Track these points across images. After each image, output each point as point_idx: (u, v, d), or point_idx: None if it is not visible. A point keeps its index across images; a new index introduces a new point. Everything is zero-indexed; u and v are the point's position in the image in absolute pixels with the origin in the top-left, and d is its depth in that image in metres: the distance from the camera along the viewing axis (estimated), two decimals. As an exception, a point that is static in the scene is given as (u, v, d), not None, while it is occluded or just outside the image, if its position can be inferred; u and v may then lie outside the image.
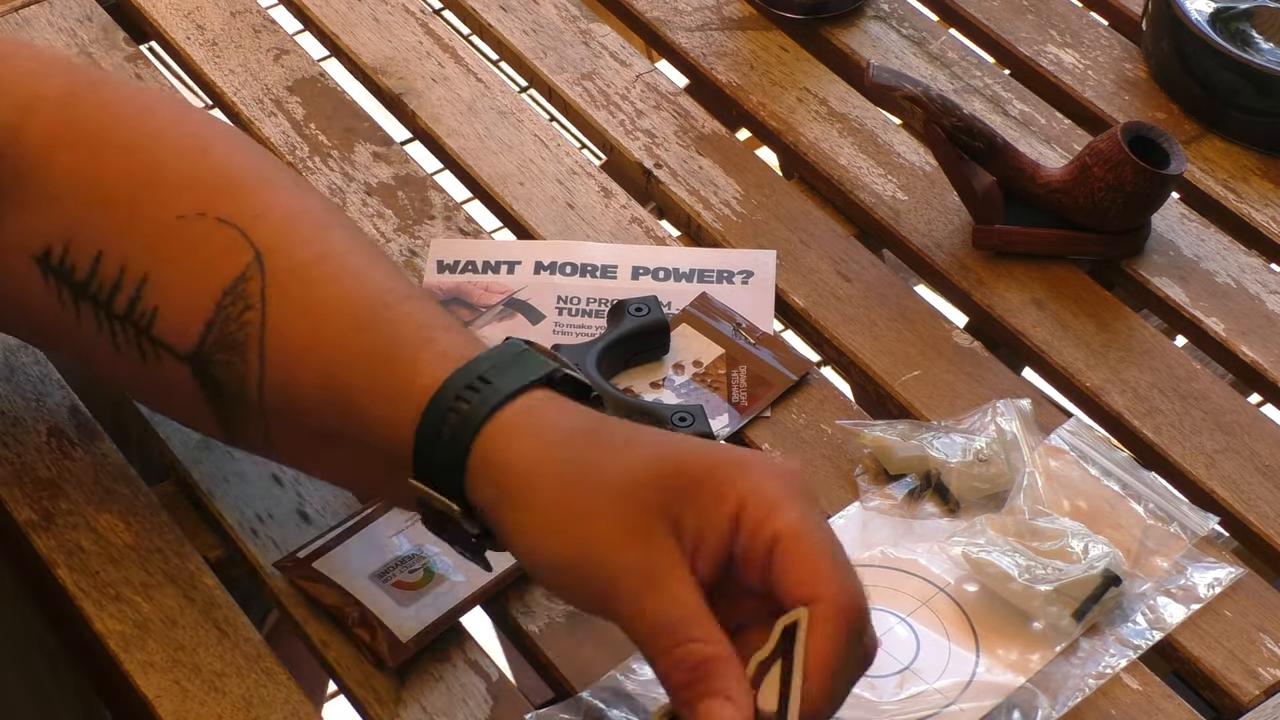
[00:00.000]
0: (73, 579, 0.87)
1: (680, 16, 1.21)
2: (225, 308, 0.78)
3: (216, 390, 0.79)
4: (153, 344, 0.80)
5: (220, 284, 0.78)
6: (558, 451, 0.71)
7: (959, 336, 1.01)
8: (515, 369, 0.73)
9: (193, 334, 0.79)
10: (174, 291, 0.79)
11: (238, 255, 0.78)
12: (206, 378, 0.79)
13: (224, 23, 1.18)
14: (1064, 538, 0.87)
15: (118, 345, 0.81)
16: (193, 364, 0.79)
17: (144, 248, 0.80)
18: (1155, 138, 1.04)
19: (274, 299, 0.77)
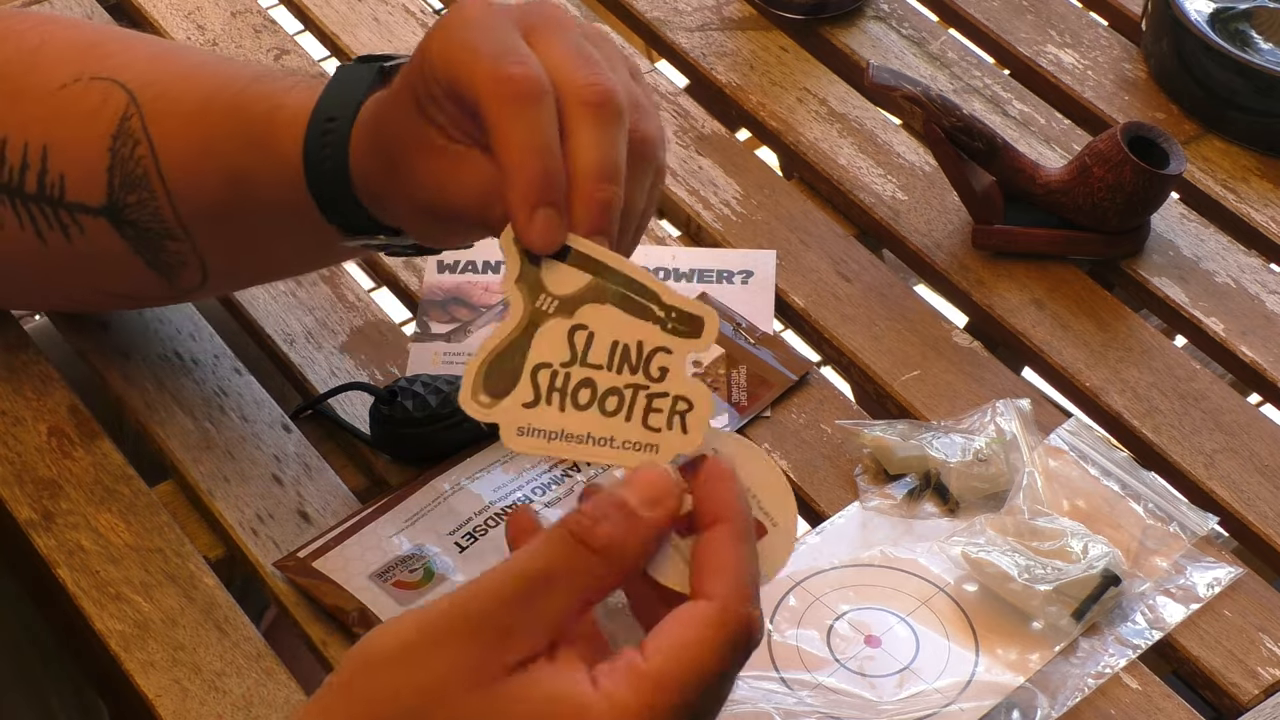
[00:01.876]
0: (73, 579, 0.87)
1: (680, 16, 1.21)
2: (118, 151, 0.84)
3: (140, 236, 0.85)
4: (70, 213, 0.86)
5: (107, 131, 0.84)
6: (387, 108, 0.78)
7: (959, 336, 1.01)
8: (347, 92, 0.80)
9: (99, 186, 0.85)
10: (72, 151, 0.85)
11: (115, 101, 0.85)
12: (125, 226, 0.85)
13: (224, 23, 1.18)
14: (1063, 537, 0.87)
15: (42, 234, 0.87)
16: (109, 215, 0.85)
17: (37, 121, 0.86)
18: (1155, 138, 1.04)
19: (154, 126, 0.84)
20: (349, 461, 0.94)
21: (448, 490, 0.90)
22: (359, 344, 0.99)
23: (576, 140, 0.68)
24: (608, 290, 0.67)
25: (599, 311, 0.67)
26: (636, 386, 0.66)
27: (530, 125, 0.67)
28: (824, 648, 0.85)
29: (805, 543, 0.90)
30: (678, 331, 0.67)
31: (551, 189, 0.67)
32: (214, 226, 0.86)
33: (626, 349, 0.67)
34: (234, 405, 0.95)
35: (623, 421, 0.66)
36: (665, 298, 0.67)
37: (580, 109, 0.68)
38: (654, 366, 0.66)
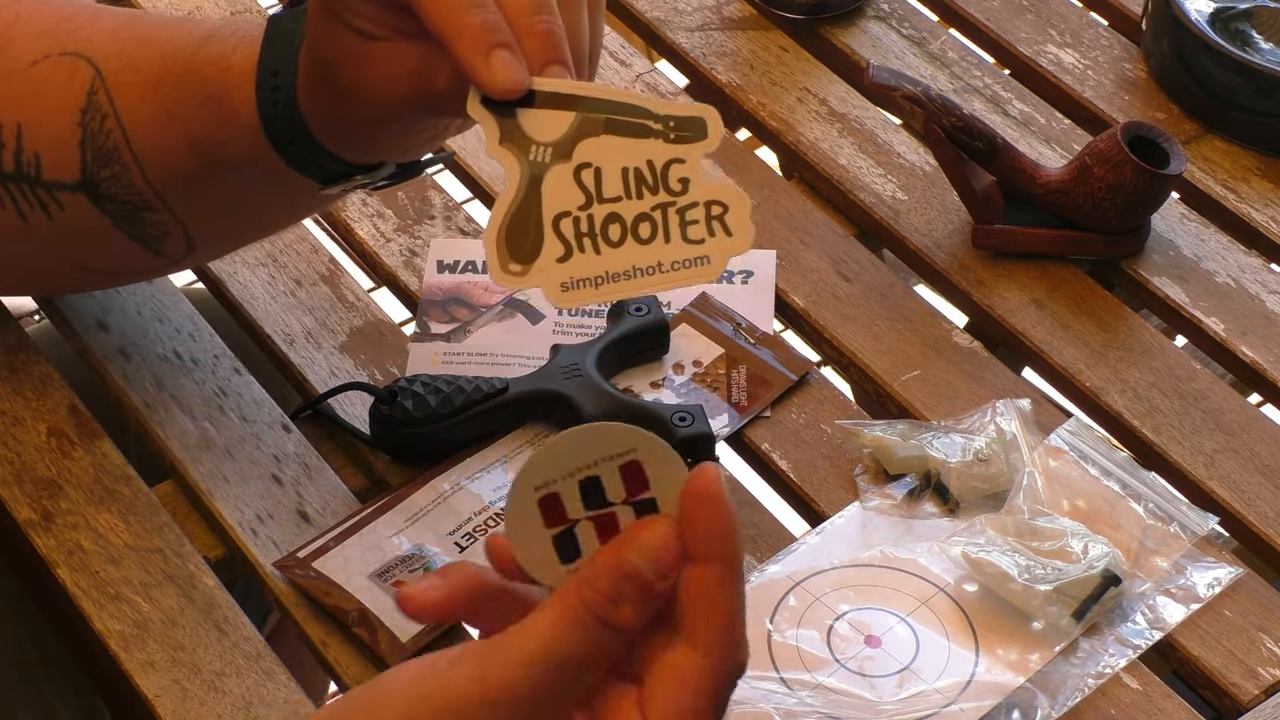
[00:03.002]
0: (73, 579, 0.87)
1: (680, 16, 1.21)
2: (88, 126, 0.85)
3: (117, 209, 0.86)
4: (48, 191, 0.86)
5: (76, 106, 0.85)
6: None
7: (959, 336, 1.01)
8: (283, 43, 0.80)
9: (73, 162, 0.85)
10: (45, 129, 0.86)
11: (81, 75, 0.85)
12: (104, 200, 0.86)
13: (224, 23, 1.18)
14: (1063, 537, 0.87)
15: (23, 214, 0.87)
16: (86, 190, 0.86)
17: (10, 99, 0.86)
18: (1155, 138, 1.04)
19: (119, 98, 0.84)
20: (349, 461, 0.94)
21: (448, 490, 0.90)
22: (359, 344, 0.99)
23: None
24: (596, 121, 0.65)
25: (596, 144, 0.64)
26: (663, 205, 0.64)
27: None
28: (824, 648, 0.85)
29: (805, 543, 0.90)
30: (682, 138, 0.65)
31: (496, 31, 0.66)
32: (189, 192, 0.86)
33: (639, 172, 0.64)
34: (234, 405, 0.95)
35: (663, 244, 0.64)
36: (657, 109, 0.65)
37: None
38: (673, 180, 0.64)
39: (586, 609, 0.59)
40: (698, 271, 0.64)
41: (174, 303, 1.00)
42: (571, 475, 0.59)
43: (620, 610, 0.59)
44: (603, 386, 0.93)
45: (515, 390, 0.93)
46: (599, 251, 0.64)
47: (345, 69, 0.76)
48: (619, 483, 0.60)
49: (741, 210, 0.64)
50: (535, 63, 0.66)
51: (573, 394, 0.92)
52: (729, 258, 0.64)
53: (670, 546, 0.59)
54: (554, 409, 0.93)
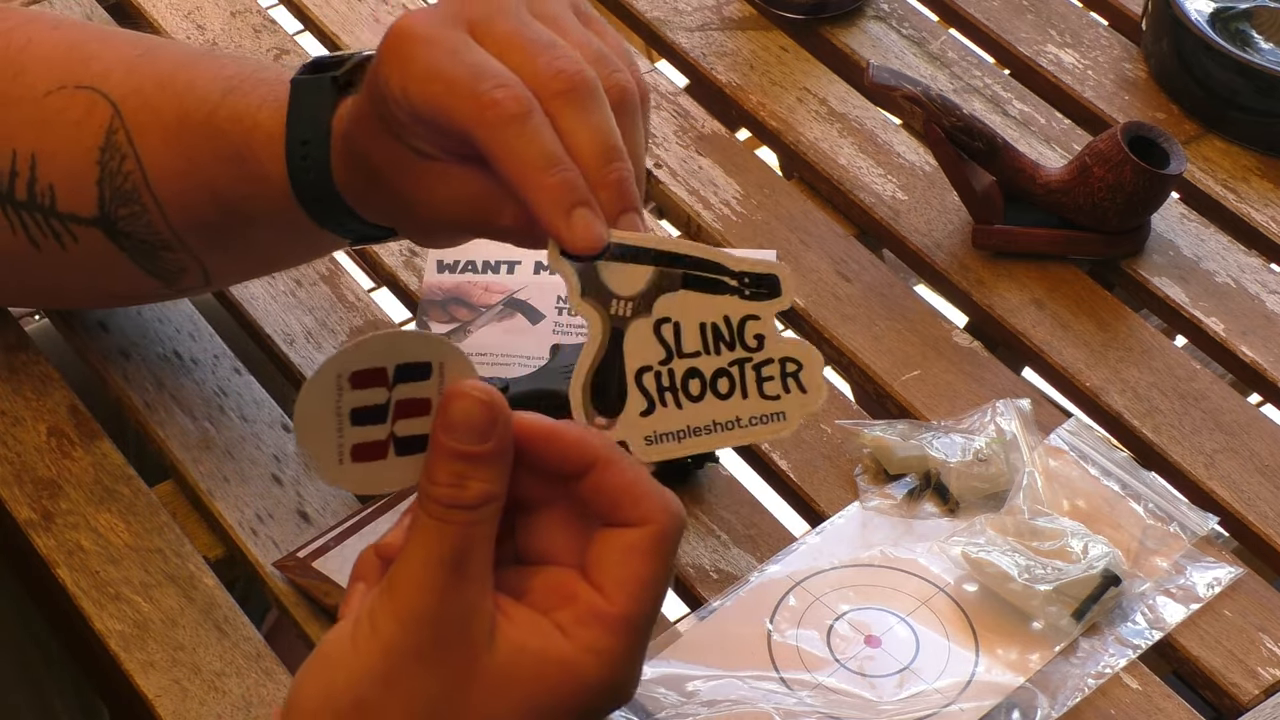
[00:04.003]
0: (73, 579, 0.87)
1: (680, 16, 1.21)
2: (106, 164, 0.84)
3: (134, 246, 0.86)
4: (62, 222, 0.86)
5: (95, 144, 0.84)
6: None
7: (959, 336, 1.01)
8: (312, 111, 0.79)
9: (90, 198, 0.85)
10: (60, 161, 0.85)
11: (100, 113, 0.85)
12: (120, 236, 0.85)
13: (224, 23, 1.18)
14: (1063, 537, 0.87)
15: (35, 241, 0.87)
16: (103, 226, 0.85)
17: (24, 127, 0.86)
18: (1155, 138, 1.04)
19: (139, 140, 0.84)
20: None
21: (448, 490, 0.90)
22: (359, 344, 0.99)
23: (566, 134, 0.67)
24: (674, 276, 0.66)
25: (675, 300, 0.66)
26: (740, 361, 0.66)
27: (532, 141, 0.67)
28: (824, 648, 0.85)
29: (805, 543, 0.90)
30: (757, 295, 0.66)
31: (575, 189, 0.66)
32: (210, 238, 0.86)
33: (716, 328, 0.66)
34: (234, 405, 0.95)
35: (740, 400, 0.66)
36: (732, 265, 0.66)
37: (557, 102, 0.68)
38: (749, 337, 0.66)
39: (438, 504, 0.60)
40: (774, 427, 0.66)
41: (174, 303, 1.00)
42: (340, 429, 0.62)
43: (468, 489, 0.60)
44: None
45: (515, 390, 0.93)
46: (680, 406, 0.66)
47: (392, 174, 0.75)
48: (365, 391, 0.62)
49: (814, 367, 0.67)
50: (610, 212, 0.67)
51: (573, 394, 0.92)
52: (805, 414, 0.66)
53: (475, 408, 0.60)
54: (554, 409, 0.93)
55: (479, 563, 0.61)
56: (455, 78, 0.68)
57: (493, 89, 0.67)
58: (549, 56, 0.68)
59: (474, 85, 0.68)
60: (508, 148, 0.67)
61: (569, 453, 0.62)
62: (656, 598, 0.62)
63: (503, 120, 0.67)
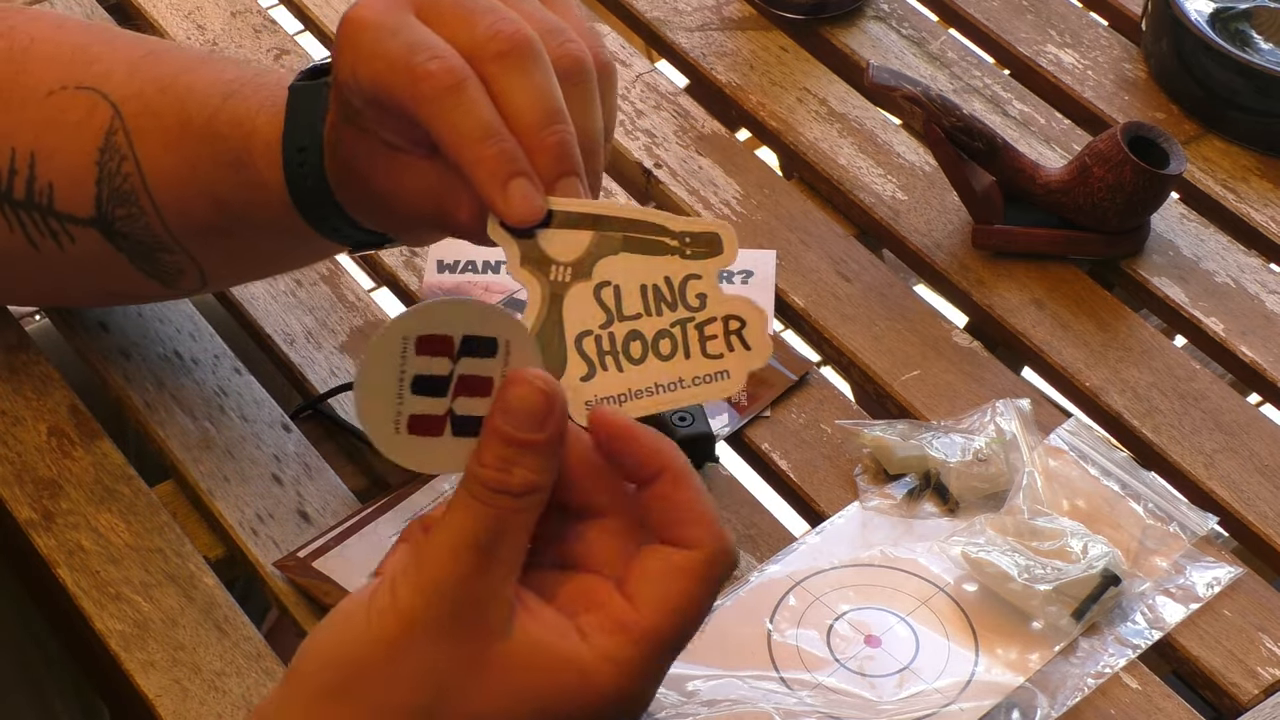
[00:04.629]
0: (73, 579, 0.87)
1: (680, 16, 1.21)
2: (105, 165, 0.84)
3: (132, 246, 0.85)
4: (59, 221, 0.85)
5: (94, 144, 0.84)
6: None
7: (959, 336, 1.01)
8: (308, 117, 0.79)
9: (88, 198, 0.84)
10: (59, 161, 0.85)
11: (101, 114, 0.84)
12: (118, 237, 0.85)
13: (224, 23, 1.18)
14: (1063, 537, 0.87)
15: (33, 240, 0.86)
16: (100, 227, 0.85)
17: (24, 126, 0.86)
18: (1155, 138, 1.04)
19: (139, 143, 0.83)
20: (349, 461, 0.95)
21: (448, 490, 0.90)
22: (359, 344, 0.99)
23: (503, 96, 0.67)
24: (613, 239, 0.65)
25: (614, 262, 0.65)
26: (682, 321, 0.65)
27: (465, 112, 0.66)
28: (824, 648, 0.85)
29: (805, 543, 0.90)
30: (698, 254, 0.65)
31: (511, 160, 0.66)
32: (208, 242, 0.86)
33: (657, 289, 0.65)
34: (234, 405, 0.95)
35: (684, 360, 0.65)
36: (672, 225, 0.65)
37: (494, 64, 0.67)
38: (690, 296, 0.65)
39: (482, 485, 0.60)
40: (718, 386, 0.65)
41: (174, 303, 1.00)
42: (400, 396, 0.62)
43: (513, 474, 0.60)
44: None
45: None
46: (621, 369, 0.65)
47: (367, 172, 0.75)
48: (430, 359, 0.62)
49: (758, 324, 0.65)
50: (548, 176, 0.66)
51: (573, 394, 0.92)
52: (748, 371, 0.65)
53: (535, 396, 0.61)
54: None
55: (510, 550, 0.61)
56: (393, 55, 0.68)
57: (425, 60, 0.67)
58: (487, 20, 0.68)
59: (409, 59, 0.67)
60: (443, 120, 0.67)
61: (644, 455, 0.62)
62: (688, 623, 0.62)
63: (437, 92, 0.66)
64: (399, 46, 0.68)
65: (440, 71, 0.67)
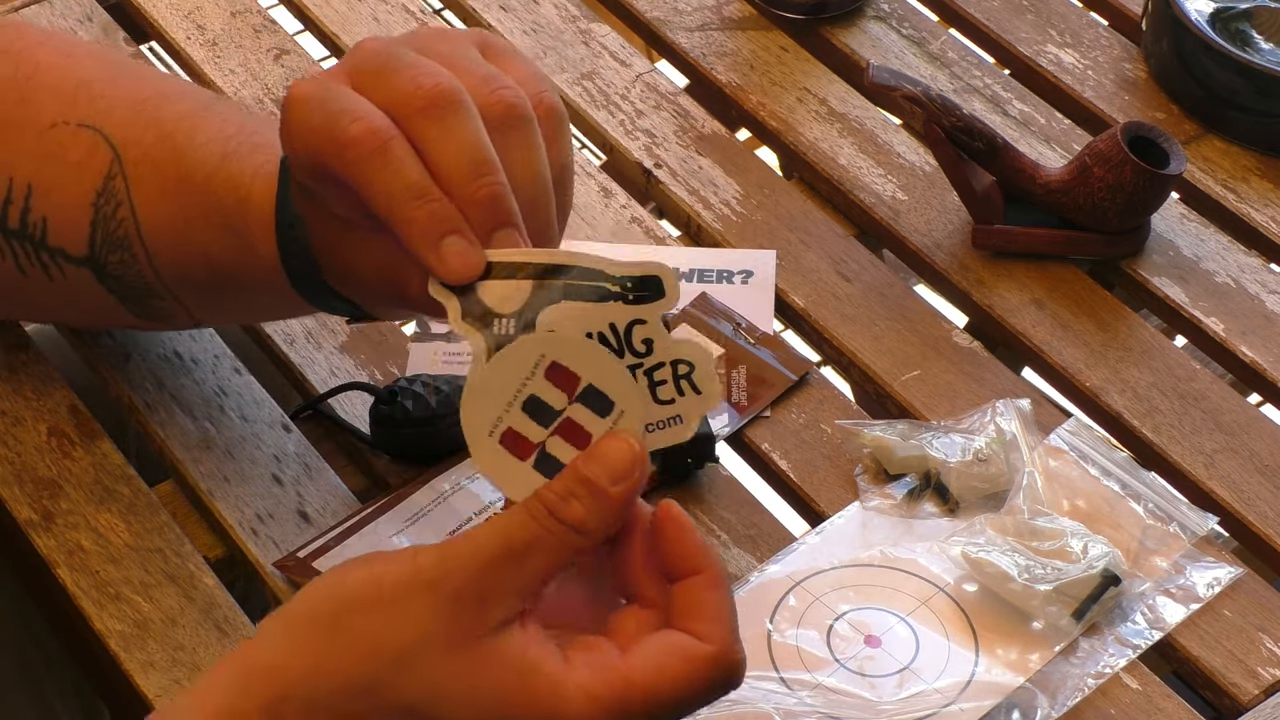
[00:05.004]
0: (73, 579, 0.87)
1: (680, 16, 1.21)
2: (101, 209, 0.83)
3: (123, 290, 0.85)
4: (51, 255, 0.85)
5: (92, 186, 0.83)
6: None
7: (959, 336, 1.01)
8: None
9: (82, 238, 0.84)
10: (55, 197, 0.84)
11: (100, 157, 0.83)
12: (109, 279, 0.84)
13: (224, 23, 1.18)
14: (1063, 537, 0.87)
15: (22, 268, 0.86)
16: (92, 267, 0.84)
17: (23, 157, 0.85)
18: (1155, 138, 1.04)
19: (136, 191, 0.82)
20: (349, 461, 0.95)
21: (448, 490, 0.90)
22: (359, 344, 0.99)
23: (430, 152, 0.65)
24: (553, 287, 0.64)
25: (557, 311, 0.64)
26: (630, 368, 0.64)
27: (393, 173, 0.65)
28: (824, 648, 0.85)
29: (805, 543, 0.90)
30: (641, 299, 0.64)
31: (441, 219, 0.65)
32: (200, 295, 0.85)
33: (603, 336, 0.64)
34: (234, 405, 0.95)
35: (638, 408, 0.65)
36: (612, 270, 0.64)
37: (417, 120, 0.66)
38: (637, 342, 0.64)
39: (539, 502, 0.62)
40: (671, 432, 0.65)
41: (174, 303, 1.00)
42: (510, 406, 0.63)
43: (570, 506, 0.62)
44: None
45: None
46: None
47: (331, 249, 0.75)
48: (552, 388, 0.63)
49: (706, 366, 0.65)
50: (483, 229, 0.65)
51: (573, 394, 0.92)
52: (700, 415, 0.65)
53: (624, 456, 0.63)
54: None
55: (535, 567, 0.62)
56: (320, 124, 0.67)
57: (348, 125, 0.66)
58: (408, 75, 0.67)
59: (333, 127, 0.66)
60: (372, 183, 0.66)
61: (692, 550, 0.64)
62: (672, 701, 0.62)
63: (362, 156, 0.66)
64: (326, 115, 0.67)
65: (363, 134, 0.66)
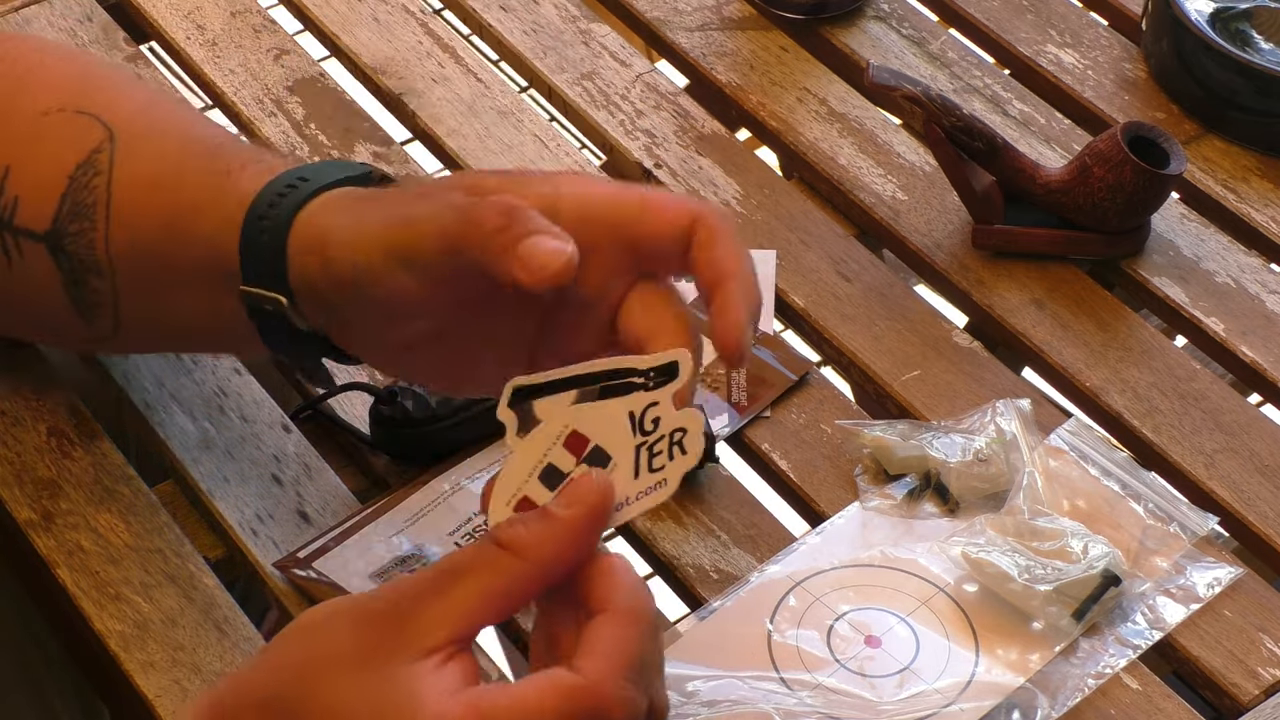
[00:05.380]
0: (73, 579, 0.87)
1: (680, 16, 1.21)
2: (77, 179, 0.82)
3: (70, 265, 0.84)
4: (14, 236, 0.84)
5: (75, 160, 0.83)
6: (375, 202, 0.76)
7: (959, 336, 1.01)
8: (332, 169, 0.78)
9: (48, 212, 0.83)
10: (30, 174, 0.84)
11: (93, 134, 0.83)
12: (61, 253, 0.83)
13: (224, 23, 1.18)
14: (1063, 537, 0.87)
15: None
16: (49, 242, 0.84)
17: (8, 142, 0.85)
18: (1155, 138, 1.04)
19: (121, 159, 0.82)
20: (349, 462, 0.94)
21: (448, 490, 0.90)
22: (359, 344, 0.99)
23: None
24: (591, 391, 0.68)
25: (591, 410, 0.68)
26: (639, 446, 0.67)
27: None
28: (824, 648, 0.85)
29: (805, 543, 0.90)
30: (659, 384, 0.68)
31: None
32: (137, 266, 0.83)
33: (623, 424, 0.68)
34: (234, 405, 0.95)
35: (631, 480, 0.67)
36: (640, 365, 0.68)
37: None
38: (647, 422, 0.67)
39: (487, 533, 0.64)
40: (656, 495, 0.67)
41: (174, 303, 1.00)
42: (530, 476, 0.67)
43: (512, 529, 0.64)
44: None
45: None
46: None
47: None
48: (566, 454, 0.66)
49: (696, 430, 0.67)
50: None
51: (573, 394, 0.92)
52: (683, 473, 0.67)
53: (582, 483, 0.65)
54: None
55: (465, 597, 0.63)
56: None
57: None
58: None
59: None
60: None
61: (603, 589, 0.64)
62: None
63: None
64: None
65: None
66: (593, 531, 0.65)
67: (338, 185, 0.77)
